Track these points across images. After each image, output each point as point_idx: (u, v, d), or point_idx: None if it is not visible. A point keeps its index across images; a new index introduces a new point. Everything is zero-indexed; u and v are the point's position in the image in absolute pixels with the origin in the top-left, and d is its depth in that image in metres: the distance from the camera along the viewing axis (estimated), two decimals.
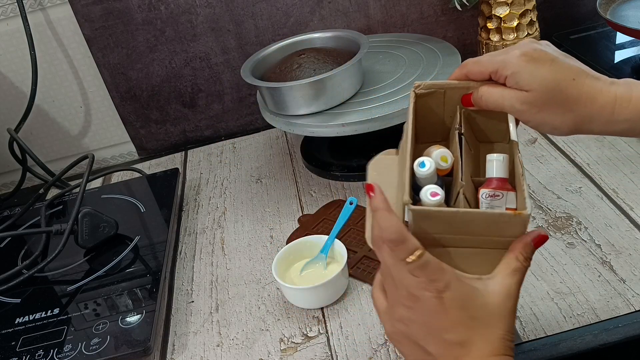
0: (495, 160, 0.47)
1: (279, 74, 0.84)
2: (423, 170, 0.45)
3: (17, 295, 0.76)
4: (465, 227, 0.43)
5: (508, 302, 0.43)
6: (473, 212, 0.43)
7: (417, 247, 0.42)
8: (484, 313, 0.43)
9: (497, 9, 0.92)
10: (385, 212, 0.43)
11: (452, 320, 0.42)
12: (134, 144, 1.11)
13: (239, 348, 0.66)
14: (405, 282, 0.43)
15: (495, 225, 0.43)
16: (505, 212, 0.42)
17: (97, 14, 0.97)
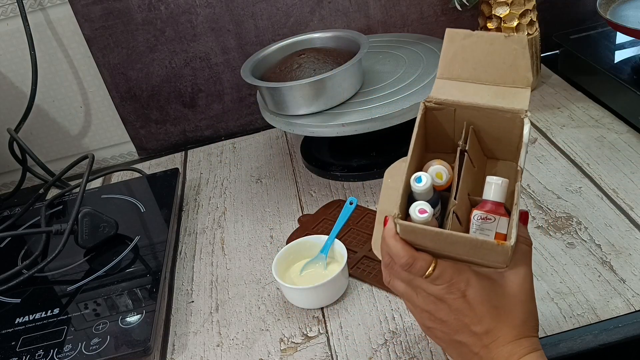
0: (494, 183, 0.47)
1: (279, 74, 0.84)
2: (419, 186, 0.46)
3: (17, 295, 0.76)
4: (449, 247, 0.44)
5: (525, 285, 0.47)
6: (456, 235, 0.43)
7: (429, 261, 0.46)
8: (506, 301, 0.46)
9: (497, 9, 0.92)
10: (392, 240, 0.46)
11: (478, 314, 0.46)
12: (134, 144, 1.11)
13: (239, 348, 0.66)
14: (429, 291, 0.47)
15: (478, 250, 0.43)
16: (488, 240, 0.43)
17: (97, 14, 0.97)
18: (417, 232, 0.45)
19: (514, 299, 0.46)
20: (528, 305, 0.47)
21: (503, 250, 0.43)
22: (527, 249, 0.48)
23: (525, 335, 0.46)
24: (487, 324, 0.46)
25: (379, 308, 0.66)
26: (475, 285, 0.46)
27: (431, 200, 0.47)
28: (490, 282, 0.46)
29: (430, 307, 0.48)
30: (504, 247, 0.42)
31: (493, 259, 0.44)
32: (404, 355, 0.60)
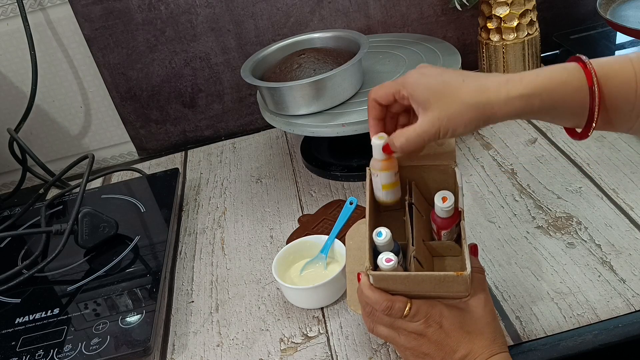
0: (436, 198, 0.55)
1: (279, 74, 0.84)
2: (380, 240, 0.53)
3: (17, 295, 0.76)
4: (418, 286, 0.51)
5: (487, 308, 0.52)
6: (421, 274, 0.51)
7: (405, 302, 0.51)
8: (475, 325, 0.52)
9: (497, 9, 0.92)
10: (369, 290, 0.52)
11: (455, 340, 0.51)
12: (134, 144, 1.11)
13: (239, 348, 0.66)
14: (410, 329, 0.52)
15: (442, 284, 0.50)
16: (449, 273, 0.49)
17: (97, 14, 0.97)
18: (388, 278, 0.51)
19: (481, 322, 0.52)
20: (493, 325, 0.52)
21: (462, 279, 0.49)
22: (482, 277, 0.54)
23: (498, 352, 0.51)
24: (464, 348, 0.51)
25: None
26: (448, 316, 0.51)
27: (393, 250, 0.53)
28: (459, 311, 0.52)
29: (413, 343, 0.52)
30: (462, 276, 0.49)
31: (455, 289, 0.51)
32: None
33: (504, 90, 0.50)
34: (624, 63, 0.50)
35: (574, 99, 0.49)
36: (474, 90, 0.50)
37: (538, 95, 0.49)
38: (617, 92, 0.49)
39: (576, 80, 0.49)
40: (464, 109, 0.50)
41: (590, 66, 0.49)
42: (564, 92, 0.49)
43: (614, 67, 0.50)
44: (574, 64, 0.50)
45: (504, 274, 0.67)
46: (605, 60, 0.50)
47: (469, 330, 0.51)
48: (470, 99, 0.50)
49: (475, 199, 0.79)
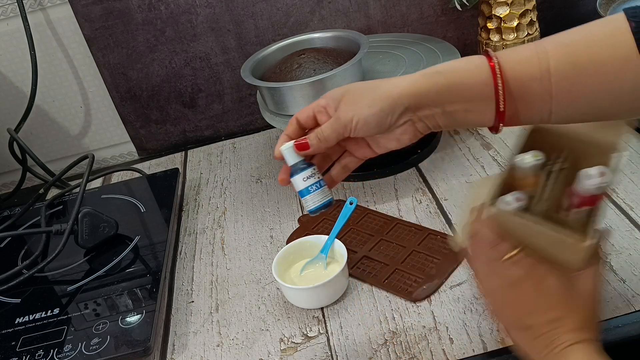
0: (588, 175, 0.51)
1: (279, 74, 0.84)
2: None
3: (17, 295, 0.76)
4: (533, 237, 0.49)
5: (593, 291, 0.50)
6: (542, 227, 0.48)
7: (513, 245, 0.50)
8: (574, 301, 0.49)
9: (497, 9, 0.92)
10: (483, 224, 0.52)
11: (553, 301, 0.49)
12: (134, 144, 1.11)
13: (239, 348, 0.66)
14: (507, 274, 0.50)
15: (558, 245, 0.48)
16: (569, 237, 0.47)
17: (97, 14, 0.97)
18: (507, 218, 0.50)
19: (582, 300, 0.50)
20: (592, 310, 0.50)
21: (580, 248, 0.47)
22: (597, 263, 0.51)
23: (584, 339, 0.48)
24: (558, 313, 0.49)
25: (379, 308, 0.66)
26: (552, 278, 0.49)
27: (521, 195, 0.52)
28: (565, 279, 0.50)
29: (504, 290, 0.51)
30: (581, 246, 0.46)
31: (568, 256, 0.48)
32: (404, 355, 0.60)
33: (410, 76, 0.53)
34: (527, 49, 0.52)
35: (478, 79, 0.51)
36: (385, 81, 0.54)
37: (441, 72, 0.52)
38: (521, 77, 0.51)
39: (477, 59, 0.52)
40: (374, 97, 0.53)
41: (491, 52, 0.52)
42: (466, 69, 0.52)
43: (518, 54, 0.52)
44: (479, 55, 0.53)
45: None
46: (510, 49, 0.53)
47: (566, 301, 0.49)
48: (378, 87, 0.53)
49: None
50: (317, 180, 0.56)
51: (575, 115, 0.52)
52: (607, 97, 0.50)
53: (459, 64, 0.54)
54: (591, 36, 0.50)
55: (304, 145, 0.56)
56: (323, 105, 0.56)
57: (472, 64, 0.52)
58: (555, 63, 0.50)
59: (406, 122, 0.53)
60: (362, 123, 0.53)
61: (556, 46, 0.50)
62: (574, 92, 0.50)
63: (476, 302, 0.64)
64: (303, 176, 0.56)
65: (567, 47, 0.50)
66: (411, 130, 0.54)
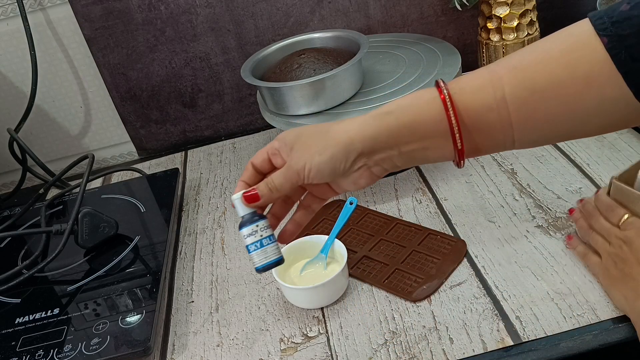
0: None
1: (279, 74, 0.84)
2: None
3: (17, 295, 0.76)
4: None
5: None
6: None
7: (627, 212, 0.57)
8: None
9: (497, 9, 0.92)
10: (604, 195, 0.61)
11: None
12: (134, 144, 1.11)
13: (239, 348, 0.66)
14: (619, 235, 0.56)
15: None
16: None
17: (97, 14, 0.97)
18: (626, 192, 0.59)
19: None
20: None
21: None
22: None
23: None
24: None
25: (379, 308, 0.66)
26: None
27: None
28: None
29: (617, 249, 0.56)
30: None
31: None
32: (404, 355, 0.60)
33: (360, 118, 0.51)
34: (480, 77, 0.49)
35: (430, 115, 0.49)
36: (336, 125, 0.52)
37: (391, 112, 0.50)
38: (475, 108, 0.48)
39: (427, 93, 0.50)
40: (325, 143, 0.51)
41: (442, 83, 0.49)
42: (417, 106, 0.50)
43: (470, 83, 0.49)
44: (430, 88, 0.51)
45: (504, 274, 0.67)
46: (463, 77, 0.51)
47: None
48: (327, 132, 0.51)
49: (475, 199, 0.79)
50: (260, 238, 0.53)
51: (540, 140, 0.51)
52: (571, 119, 0.47)
53: (410, 100, 0.51)
54: (547, 56, 0.47)
55: (253, 196, 0.53)
56: (276, 147, 0.54)
57: (422, 99, 0.50)
58: (511, 89, 0.47)
59: (361, 167, 0.52)
60: (314, 171, 0.51)
61: (510, 71, 0.47)
62: (535, 118, 0.47)
63: (476, 302, 0.64)
64: (246, 232, 0.54)
65: (522, 72, 0.47)
66: (367, 174, 0.53)
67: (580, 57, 0.45)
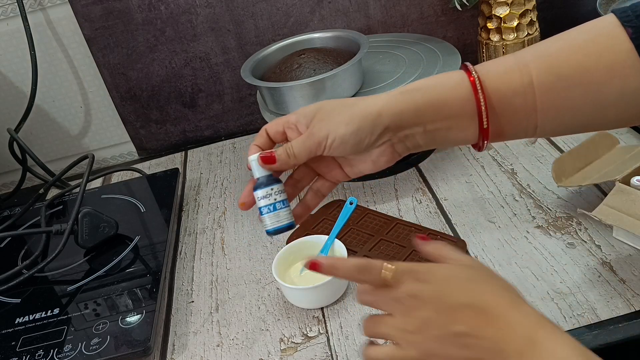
0: None
1: (279, 74, 0.84)
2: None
3: (17, 295, 0.76)
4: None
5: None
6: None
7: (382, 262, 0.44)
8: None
9: (497, 9, 0.92)
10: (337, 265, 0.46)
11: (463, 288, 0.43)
12: (134, 144, 1.11)
13: (239, 348, 0.66)
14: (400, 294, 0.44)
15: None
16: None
17: (97, 14, 0.97)
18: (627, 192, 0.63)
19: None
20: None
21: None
22: None
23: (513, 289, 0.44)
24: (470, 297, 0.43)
25: None
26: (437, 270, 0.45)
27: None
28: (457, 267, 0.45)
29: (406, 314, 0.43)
30: None
31: None
32: None
33: (388, 94, 0.51)
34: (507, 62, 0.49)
35: (459, 95, 0.49)
36: (362, 99, 0.51)
37: (419, 89, 0.50)
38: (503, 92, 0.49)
39: (455, 74, 0.50)
40: (352, 114, 0.50)
41: (470, 67, 0.50)
42: (445, 86, 0.50)
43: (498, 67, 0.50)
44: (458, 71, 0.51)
45: (504, 274, 0.67)
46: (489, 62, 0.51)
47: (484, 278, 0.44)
48: (355, 104, 0.51)
49: (475, 199, 0.79)
50: (274, 201, 0.52)
51: (560, 128, 0.50)
52: (592, 108, 0.48)
53: (438, 79, 0.51)
54: (573, 44, 0.48)
55: (269, 157, 0.52)
56: (293, 122, 0.53)
57: (451, 80, 0.50)
58: (538, 75, 0.48)
59: (385, 143, 0.51)
60: (338, 141, 0.50)
61: (537, 57, 0.48)
62: (559, 105, 0.48)
63: None
64: (260, 194, 0.52)
65: (549, 58, 0.48)
66: (389, 152, 0.52)
67: (605, 47, 0.46)
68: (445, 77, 0.51)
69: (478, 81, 0.48)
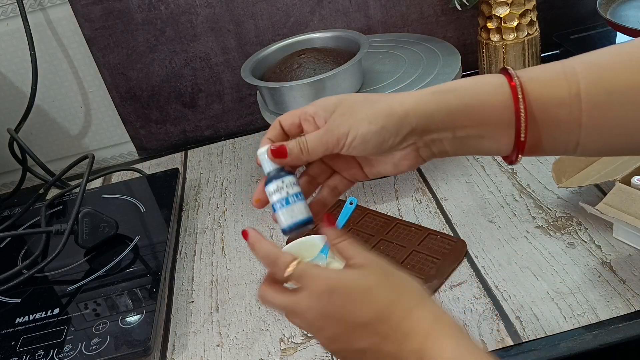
0: None
1: (279, 74, 0.84)
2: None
3: (17, 295, 0.76)
4: None
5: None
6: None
7: (290, 261, 0.45)
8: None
9: (497, 9, 0.92)
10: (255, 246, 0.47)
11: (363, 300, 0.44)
12: (134, 144, 1.11)
13: (239, 348, 0.66)
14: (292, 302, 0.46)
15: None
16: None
17: (97, 14, 0.97)
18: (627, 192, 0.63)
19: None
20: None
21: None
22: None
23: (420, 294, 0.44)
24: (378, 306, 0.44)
25: None
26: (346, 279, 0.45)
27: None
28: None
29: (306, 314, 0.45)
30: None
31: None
32: None
33: (417, 93, 0.47)
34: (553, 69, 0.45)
35: (496, 100, 0.45)
36: (389, 96, 0.47)
37: (453, 90, 0.46)
38: (546, 102, 0.44)
39: (494, 78, 0.46)
40: (376, 112, 0.45)
41: (512, 71, 0.45)
42: (482, 89, 0.45)
43: (543, 74, 0.45)
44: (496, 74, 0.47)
45: (504, 274, 0.67)
46: (534, 68, 0.46)
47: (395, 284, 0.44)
48: (380, 101, 0.46)
49: (475, 199, 0.79)
50: (287, 195, 0.48)
51: (604, 149, 0.46)
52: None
53: (475, 81, 0.47)
54: (627, 58, 0.43)
55: (280, 151, 0.48)
56: (311, 113, 0.48)
57: (490, 83, 0.45)
58: (587, 86, 0.43)
59: (409, 146, 0.47)
60: (359, 140, 0.45)
61: (587, 67, 0.43)
62: (606, 123, 0.43)
63: (476, 302, 0.64)
64: (271, 188, 0.48)
65: (601, 70, 0.43)
66: (413, 156, 0.48)
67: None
68: (484, 79, 0.47)
69: (520, 88, 0.44)
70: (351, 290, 0.43)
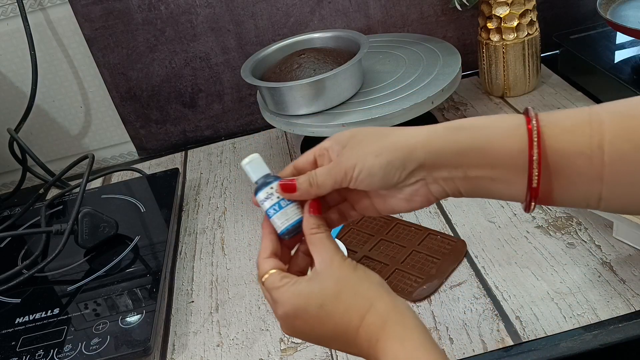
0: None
1: (279, 74, 0.84)
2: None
3: (17, 295, 0.76)
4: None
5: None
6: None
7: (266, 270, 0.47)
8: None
9: (497, 9, 0.92)
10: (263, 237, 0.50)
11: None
12: (134, 144, 1.11)
13: (239, 348, 0.66)
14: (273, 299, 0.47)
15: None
16: None
17: (97, 14, 0.97)
18: None
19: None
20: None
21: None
22: None
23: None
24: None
25: None
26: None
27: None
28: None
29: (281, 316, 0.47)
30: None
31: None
32: None
33: (429, 127, 0.45)
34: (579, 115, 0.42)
35: (510, 143, 0.42)
36: (400, 130, 0.46)
37: (466, 128, 0.44)
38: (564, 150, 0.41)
39: (512, 118, 0.43)
40: (383, 146, 0.45)
41: (532, 112, 0.42)
42: (497, 128, 0.43)
43: (566, 119, 0.42)
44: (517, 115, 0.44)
45: (504, 274, 0.67)
46: (558, 112, 0.43)
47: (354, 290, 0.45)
48: (389, 134, 0.46)
49: (475, 199, 0.79)
50: (278, 200, 0.49)
51: (631, 207, 0.43)
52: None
53: (490, 121, 0.44)
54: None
55: (289, 186, 0.48)
56: (326, 147, 0.48)
57: (504, 123, 0.43)
58: (612, 138, 0.39)
59: (418, 182, 0.45)
60: (365, 173, 0.45)
61: (615, 116, 0.40)
62: (632, 179, 0.40)
63: (476, 302, 0.64)
64: (262, 196, 0.49)
65: (629, 120, 0.39)
66: (424, 192, 0.46)
67: None
68: (501, 119, 0.44)
69: (536, 132, 0.41)
70: (308, 307, 0.45)
